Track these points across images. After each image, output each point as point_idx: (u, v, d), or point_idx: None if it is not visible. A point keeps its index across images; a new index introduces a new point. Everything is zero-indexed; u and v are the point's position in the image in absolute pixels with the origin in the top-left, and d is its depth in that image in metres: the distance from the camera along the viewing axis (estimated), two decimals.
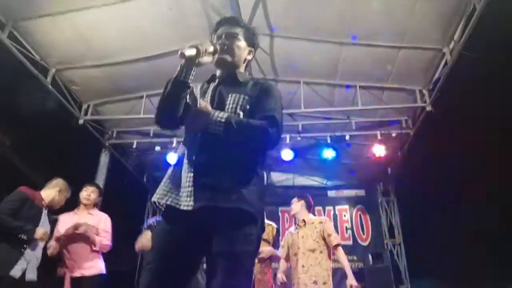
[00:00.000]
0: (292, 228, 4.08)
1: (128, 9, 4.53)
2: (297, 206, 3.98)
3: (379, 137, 6.06)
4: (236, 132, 1.60)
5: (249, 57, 1.94)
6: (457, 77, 4.94)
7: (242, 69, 1.91)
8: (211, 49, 1.73)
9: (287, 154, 6.35)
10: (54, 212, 3.71)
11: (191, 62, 1.69)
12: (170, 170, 1.79)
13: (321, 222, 3.84)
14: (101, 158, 6.61)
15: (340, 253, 3.70)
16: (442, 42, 4.79)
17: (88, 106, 6.05)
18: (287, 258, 3.93)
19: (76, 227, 3.54)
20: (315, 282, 3.50)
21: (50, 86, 5.19)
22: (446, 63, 4.87)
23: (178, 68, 1.71)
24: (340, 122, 6.17)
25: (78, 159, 6.32)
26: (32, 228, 3.23)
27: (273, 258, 3.97)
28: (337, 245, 3.71)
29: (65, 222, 3.77)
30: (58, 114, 5.66)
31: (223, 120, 1.60)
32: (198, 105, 1.70)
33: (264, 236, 3.63)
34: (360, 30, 4.76)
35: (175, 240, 1.61)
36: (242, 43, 1.87)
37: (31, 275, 3.24)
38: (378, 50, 4.97)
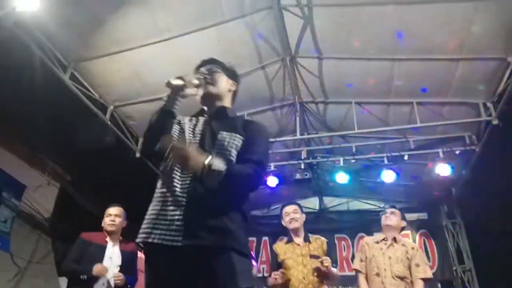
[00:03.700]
0: (370, 240, 3.60)
1: (178, 43, 4.67)
2: (399, 223, 3.51)
3: (441, 155, 5.69)
4: (230, 183, 1.59)
5: (233, 88, 1.99)
6: None
7: (228, 102, 1.96)
8: (195, 81, 1.82)
9: (341, 177, 6.13)
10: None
11: (176, 92, 1.78)
12: (152, 205, 1.74)
13: (413, 248, 3.38)
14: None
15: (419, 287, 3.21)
16: (506, 51, 4.47)
17: None
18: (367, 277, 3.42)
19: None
20: None
21: (109, 122, 5.41)
22: (511, 73, 4.53)
23: (165, 98, 1.79)
24: (396, 141, 5.90)
25: (136, 191, 6.48)
26: (89, 267, 3.25)
27: (328, 278, 3.29)
28: (423, 279, 3.22)
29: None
30: (116, 148, 5.86)
31: (221, 171, 1.55)
32: (187, 146, 1.65)
33: (313, 251, 3.31)
34: (414, 45, 4.57)
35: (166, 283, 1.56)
36: (223, 76, 1.96)
37: None
38: (435, 64, 4.74)
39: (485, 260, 7.46)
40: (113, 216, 3.54)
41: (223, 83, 1.95)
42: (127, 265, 3.47)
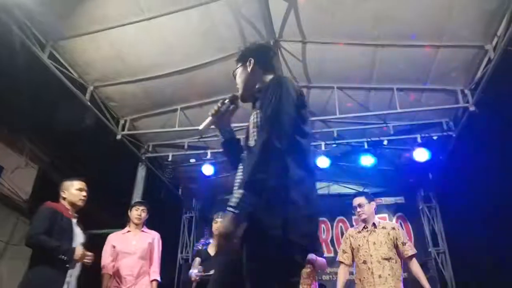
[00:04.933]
0: (353, 231, 3.70)
1: (160, 24, 4.60)
2: (370, 208, 3.60)
3: (419, 141, 5.83)
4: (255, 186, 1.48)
5: (252, 68, 1.93)
6: (502, 75, 4.68)
7: (259, 81, 1.90)
8: (219, 104, 1.97)
9: (322, 162, 6.22)
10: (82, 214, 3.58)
11: (215, 126, 1.99)
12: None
13: (393, 228, 3.51)
14: (138, 172, 6.71)
15: (415, 264, 3.39)
16: (484, 39, 4.56)
17: (125, 121, 6.17)
18: (349, 265, 3.59)
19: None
20: None
21: (88, 103, 5.32)
22: (489, 61, 4.64)
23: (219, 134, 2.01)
24: (377, 127, 6.00)
25: (116, 173, 6.44)
26: (71, 248, 3.13)
27: (316, 266, 3.61)
28: (412, 256, 3.40)
29: (120, 240, 4.03)
30: (96, 130, 5.79)
31: (235, 205, 1.46)
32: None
33: None
34: (395, 31, 4.62)
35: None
36: (238, 70, 1.98)
37: None
38: (416, 51, 4.80)
39: (459, 242, 7.74)
40: (85, 191, 3.46)
41: (242, 75, 1.94)
42: (85, 245, 3.45)
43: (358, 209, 3.61)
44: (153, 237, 4.20)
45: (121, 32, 4.64)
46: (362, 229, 3.59)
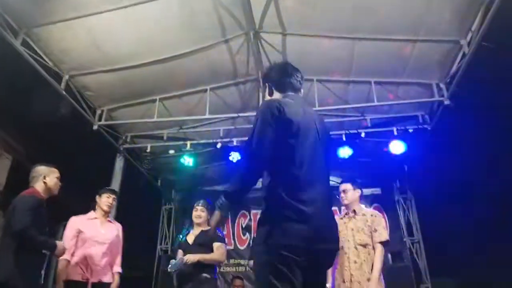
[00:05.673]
0: (336, 217, 3.73)
1: (138, 13, 4.51)
2: (354, 195, 3.58)
3: (395, 133, 5.95)
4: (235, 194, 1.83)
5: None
6: (476, 69, 4.81)
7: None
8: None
9: None
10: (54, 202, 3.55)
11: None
12: None
13: (372, 215, 3.49)
14: (116, 162, 6.62)
15: (378, 251, 3.31)
16: (459, 33, 4.68)
17: (102, 111, 6.05)
18: None
19: None
20: (368, 280, 3.22)
21: (64, 92, 5.20)
22: (464, 55, 4.75)
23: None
24: (355, 119, 6.09)
25: (93, 164, 6.33)
26: (54, 243, 3.18)
27: None
28: (380, 242, 3.33)
29: (87, 226, 3.84)
30: (72, 120, 5.68)
31: (220, 203, 1.84)
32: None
33: None
34: (374, 24, 4.68)
35: None
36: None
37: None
38: (393, 44, 4.89)
39: (433, 233, 7.97)
40: (59, 179, 3.45)
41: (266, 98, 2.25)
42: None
43: (342, 195, 3.64)
44: (118, 229, 4.10)
45: (98, 20, 4.53)
46: (344, 216, 3.62)
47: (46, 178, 3.36)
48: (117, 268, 3.98)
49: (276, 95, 2.14)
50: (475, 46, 4.42)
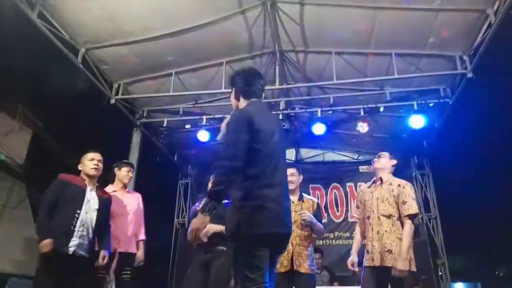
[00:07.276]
0: (364, 186, 3.59)
1: None
2: (387, 163, 3.42)
3: (415, 108, 5.80)
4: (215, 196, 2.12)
5: (236, 89, 2.52)
6: (502, 41, 4.59)
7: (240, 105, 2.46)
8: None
9: (318, 128, 6.19)
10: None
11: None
12: None
13: (399, 185, 3.28)
14: (133, 137, 6.65)
15: (407, 225, 3.12)
16: (486, 2, 4.45)
17: (119, 85, 6.05)
18: (363, 220, 3.44)
19: None
20: (389, 251, 3.10)
21: (81, 66, 5.20)
22: (489, 26, 4.54)
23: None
24: (373, 93, 5.95)
25: (111, 138, 6.39)
26: (39, 238, 3.17)
27: (315, 231, 3.58)
28: (409, 216, 3.13)
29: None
30: (90, 94, 5.70)
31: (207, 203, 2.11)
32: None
33: (305, 210, 3.56)
34: None
35: None
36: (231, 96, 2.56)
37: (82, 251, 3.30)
38: (415, 14, 4.69)
39: (450, 209, 7.90)
40: (96, 161, 3.54)
41: (232, 100, 2.54)
42: (104, 210, 3.55)
43: (375, 159, 3.54)
44: (139, 198, 4.26)
45: None
46: (372, 184, 3.50)
47: (80, 165, 3.58)
48: (142, 236, 4.16)
49: (242, 101, 2.47)
50: (502, 16, 4.21)
